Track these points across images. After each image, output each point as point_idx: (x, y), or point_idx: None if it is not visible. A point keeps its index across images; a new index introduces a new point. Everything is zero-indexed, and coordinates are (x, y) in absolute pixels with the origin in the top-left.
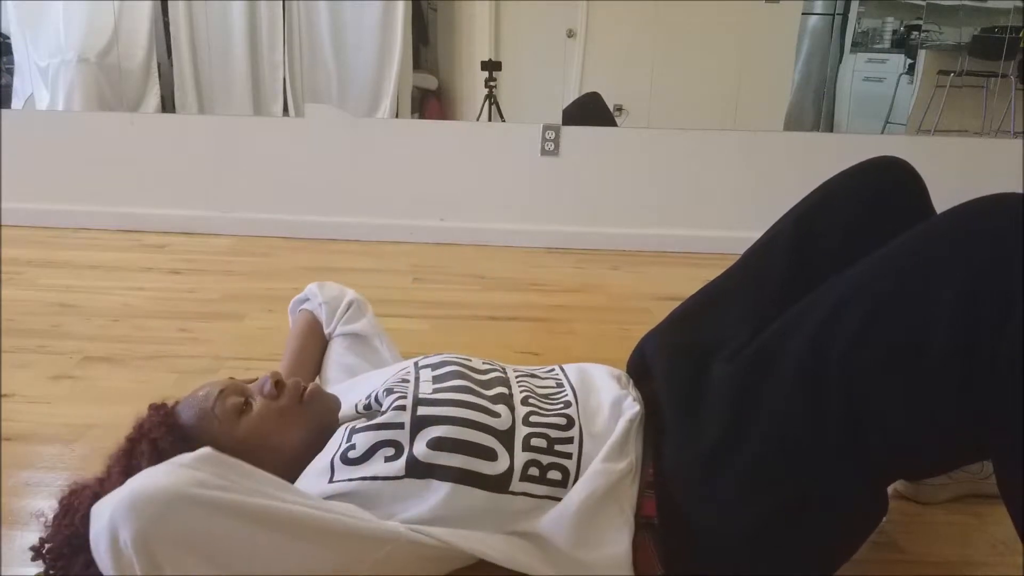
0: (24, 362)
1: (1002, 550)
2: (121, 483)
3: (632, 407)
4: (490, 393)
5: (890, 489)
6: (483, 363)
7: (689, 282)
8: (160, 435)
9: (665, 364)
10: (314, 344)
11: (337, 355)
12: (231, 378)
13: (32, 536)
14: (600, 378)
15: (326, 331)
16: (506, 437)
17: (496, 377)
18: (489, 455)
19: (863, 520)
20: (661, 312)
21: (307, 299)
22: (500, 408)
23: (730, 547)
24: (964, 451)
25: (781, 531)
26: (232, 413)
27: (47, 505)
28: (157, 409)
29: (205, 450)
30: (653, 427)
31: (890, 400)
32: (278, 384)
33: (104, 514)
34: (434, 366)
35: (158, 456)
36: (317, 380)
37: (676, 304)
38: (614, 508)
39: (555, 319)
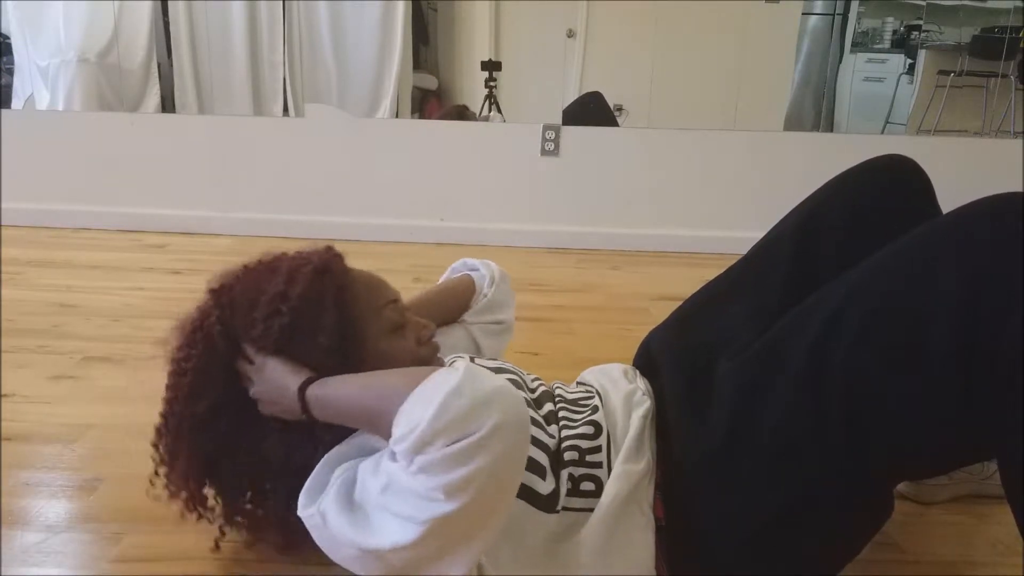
0: (24, 362)
1: (1002, 550)
2: (280, 296)
3: (643, 401)
4: (543, 411)
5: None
6: (532, 378)
7: (689, 282)
8: (344, 284)
9: (670, 362)
10: (452, 310)
11: (446, 343)
12: (399, 293)
13: (33, 536)
14: (613, 376)
15: (466, 316)
16: (555, 458)
17: (544, 392)
18: (541, 472)
19: (866, 520)
20: (661, 312)
21: (479, 270)
22: (552, 428)
23: (734, 548)
24: (966, 451)
25: (785, 532)
26: (388, 326)
27: (47, 505)
28: (340, 257)
29: (521, 397)
30: (659, 425)
31: (892, 400)
32: (431, 341)
33: (488, 383)
34: (493, 370)
35: (339, 306)
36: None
37: (676, 304)
38: (636, 509)
39: (555, 319)
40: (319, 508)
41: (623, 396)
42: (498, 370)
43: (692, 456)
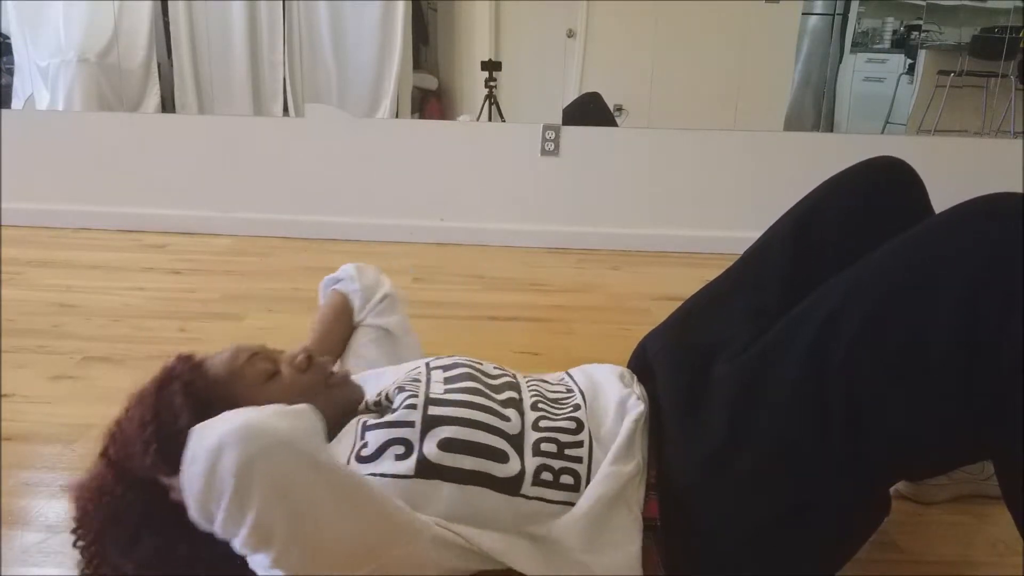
0: (24, 362)
1: (1002, 550)
2: (143, 421)
3: (636, 406)
4: (501, 397)
5: (891, 489)
6: (494, 368)
7: (689, 282)
8: (192, 379)
9: (667, 364)
10: (342, 327)
11: (361, 345)
12: (262, 345)
13: (32, 536)
14: (605, 378)
15: (356, 318)
16: (516, 441)
17: (507, 382)
18: (500, 457)
19: (864, 520)
20: (661, 312)
21: (342, 279)
22: (510, 412)
23: (732, 548)
24: (965, 451)
25: (783, 532)
26: (259, 378)
27: (47, 505)
28: (186, 359)
29: (305, 406)
30: (655, 427)
31: (891, 400)
32: (310, 359)
33: (211, 435)
34: (446, 367)
35: (192, 400)
36: (338, 364)
37: (676, 304)
38: (623, 510)
39: (555, 319)
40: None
41: (617, 399)
42: (451, 365)
43: (690, 457)
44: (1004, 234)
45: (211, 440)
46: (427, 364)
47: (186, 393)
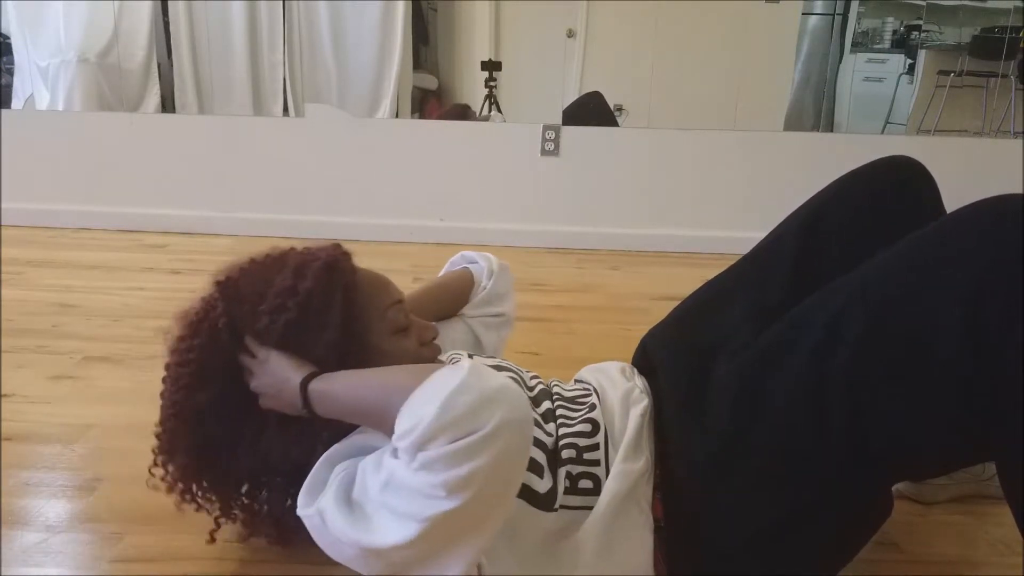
0: (24, 362)
1: (1002, 550)
2: (288, 291)
3: (640, 399)
4: (541, 410)
5: (892, 489)
6: (530, 375)
7: (689, 282)
8: (352, 283)
9: (668, 362)
10: (451, 304)
11: (449, 338)
12: (402, 294)
13: (33, 536)
14: (607, 374)
15: (466, 310)
16: (552, 456)
17: (542, 391)
18: (539, 471)
19: (866, 520)
20: (661, 312)
21: (480, 265)
22: (550, 427)
23: (733, 548)
24: (966, 452)
25: (784, 532)
26: (393, 325)
27: (47, 505)
28: (348, 256)
29: (526, 400)
30: (658, 424)
31: (894, 401)
32: (433, 343)
33: (494, 381)
34: (492, 368)
35: (347, 304)
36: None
37: (676, 304)
38: (634, 509)
39: (555, 319)
40: (318, 507)
41: (621, 394)
42: (497, 368)
43: (691, 456)
44: (1007, 237)
45: (494, 385)
46: (471, 356)
47: (347, 292)
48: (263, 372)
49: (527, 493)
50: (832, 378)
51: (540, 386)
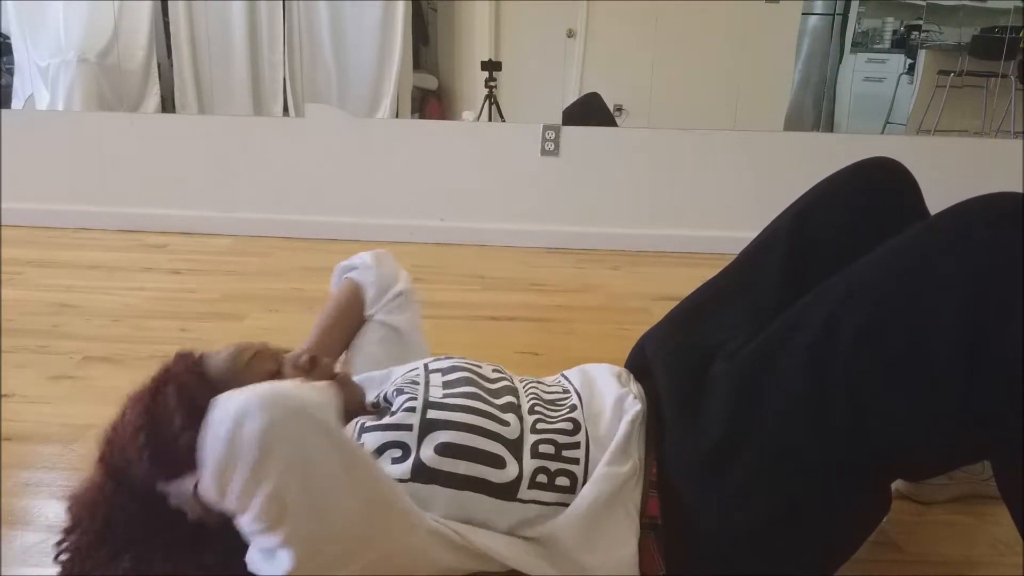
0: (24, 362)
1: (1002, 550)
2: (138, 426)
3: (634, 405)
4: (499, 402)
5: (891, 489)
6: (492, 370)
7: (689, 282)
8: (188, 380)
9: (665, 363)
10: (351, 320)
11: (368, 343)
12: (264, 343)
13: (33, 536)
14: (601, 378)
15: (367, 312)
16: (515, 445)
17: (505, 386)
18: (497, 463)
19: (864, 519)
20: (661, 312)
21: (356, 267)
22: (509, 417)
23: (731, 547)
24: (965, 451)
25: (782, 531)
26: (263, 378)
27: (47, 505)
28: (185, 356)
29: (325, 383)
30: (654, 426)
31: (892, 400)
32: (313, 360)
33: (234, 401)
34: (444, 370)
35: (188, 402)
36: (343, 358)
37: (676, 304)
38: (620, 511)
39: (555, 319)
40: (250, 562)
41: (614, 399)
42: (451, 368)
43: (690, 456)
44: (1004, 234)
45: (235, 405)
46: (425, 366)
47: (180, 396)
48: (183, 503)
49: (481, 485)
50: (830, 376)
51: (503, 381)
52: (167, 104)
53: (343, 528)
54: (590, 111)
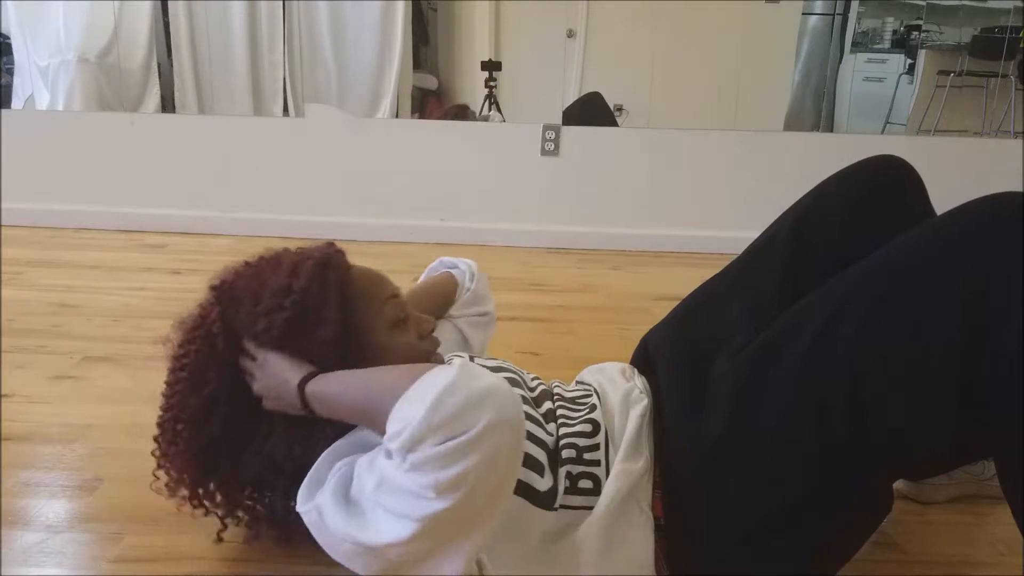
0: (24, 362)
1: (1002, 550)
2: (285, 289)
3: (640, 399)
4: (542, 410)
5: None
6: (531, 376)
7: (689, 282)
8: (347, 279)
9: (667, 360)
10: (439, 305)
11: (438, 335)
12: (399, 289)
13: (33, 536)
14: (608, 375)
15: (452, 311)
16: (552, 456)
17: (543, 391)
18: (540, 470)
19: (865, 518)
20: (661, 312)
21: (460, 269)
22: (551, 427)
23: (732, 546)
24: (965, 450)
25: (783, 530)
26: (391, 319)
27: (47, 505)
28: (342, 253)
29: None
30: (658, 423)
31: (892, 399)
32: (432, 335)
33: (484, 379)
34: (493, 369)
35: (343, 300)
36: None
37: (676, 304)
38: (635, 508)
39: (555, 319)
40: (316, 504)
41: (621, 394)
42: (497, 369)
43: (691, 455)
44: (1005, 234)
45: (483, 384)
46: (471, 359)
47: (342, 288)
48: (263, 375)
49: (527, 491)
50: (830, 377)
51: (541, 387)
52: (167, 104)
53: (459, 531)
54: (591, 111)
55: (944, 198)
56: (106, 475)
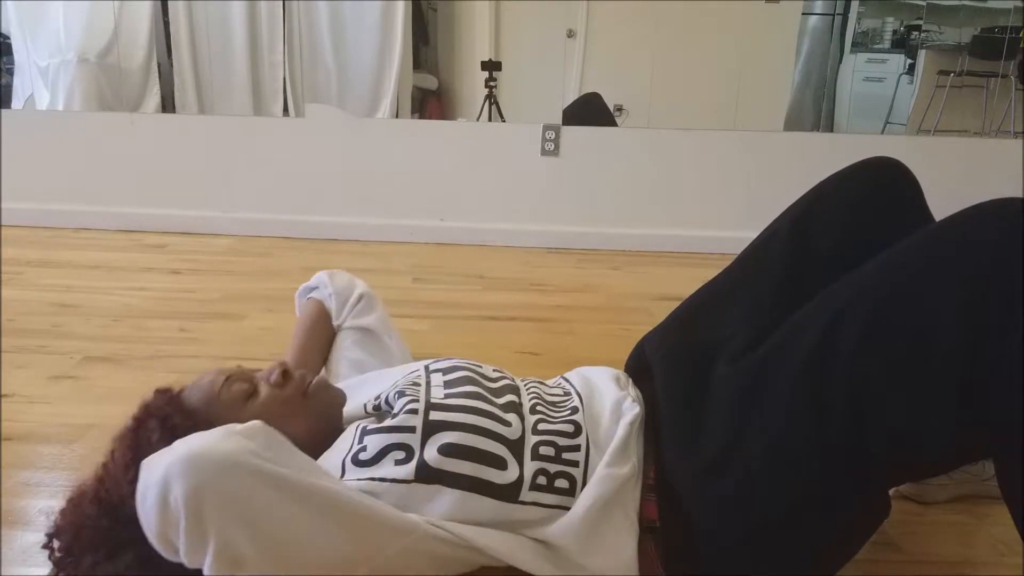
0: (24, 362)
1: (1002, 550)
2: (127, 463)
3: (632, 408)
4: (501, 401)
5: (891, 490)
6: (493, 370)
7: (689, 282)
8: (168, 412)
9: (665, 364)
10: (322, 334)
11: (345, 349)
12: (238, 366)
13: (33, 536)
14: (601, 381)
15: (335, 322)
16: (516, 446)
17: (506, 385)
18: (499, 464)
19: (864, 521)
20: (661, 312)
21: (315, 287)
22: (511, 417)
23: (731, 549)
24: (965, 452)
25: (782, 533)
26: (238, 399)
27: (48, 505)
28: (163, 392)
29: (256, 423)
30: (653, 427)
31: (892, 402)
32: (285, 374)
33: (157, 468)
34: (445, 371)
35: (169, 434)
36: (324, 372)
37: (676, 304)
38: (619, 513)
39: (555, 319)
40: None
41: (612, 402)
42: (451, 368)
43: (691, 457)
44: (1005, 240)
45: (157, 473)
46: (426, 367)
47: (163, 428)
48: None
49: (484, 486)
50: (832, 379)
51: (504, 381)
52: (167, 104)
53: (322, 556)
54: (590, 111)
55: (944, 198)
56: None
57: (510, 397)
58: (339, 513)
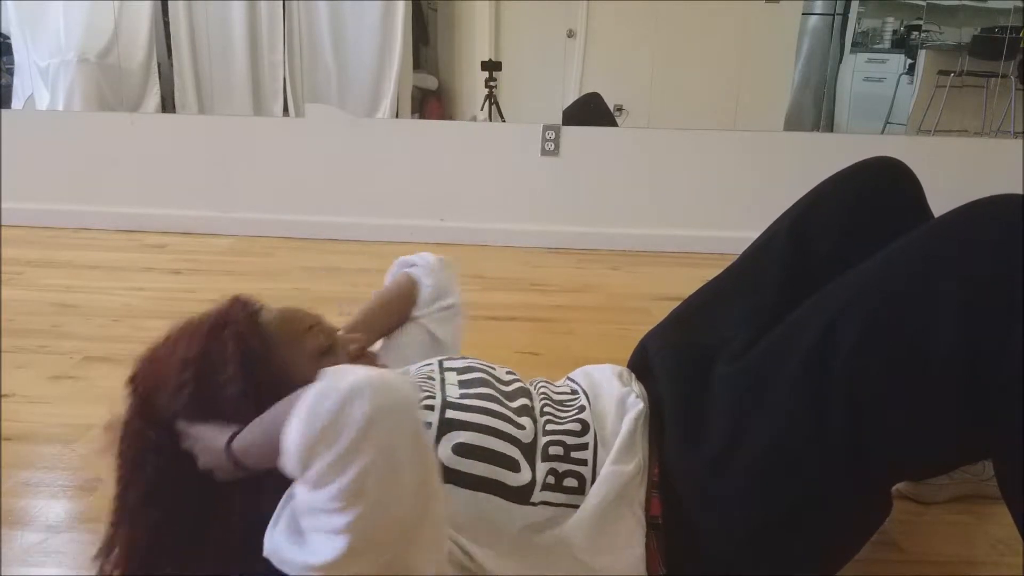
0: (24, 362)
1: (1002, 550)
2: (188, 360)
3: (636, 404)
4: (515, 404)
5: (892, 489)
6: (507, 373)
7: (689, 282)
8: (247, 331)
9: (666, 362)
10: (399, 313)
11: (405, 343)
12: (321, 316)
13: (33, 536)
14: (604, 378)
15: (415, 312)
16: (529, 450)
17: (519, 388)
18: (512, 466)
19: (865, 521)
20: (661, 312)
21: (418, 265)
22: (524, 420)
23: (732, 548)
24: (965, 452)
25: (783, 532)
26: (315, 350)
27: (47, 505)
28: (244, 305)
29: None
30: (656, 426)
31: (892, 402)
32: (362, 353)
33: (350, 376)
34: (460, 370)
35: (239, 356)
36: (379, 345)
37: (676, 304)
38: (626, 510)
39: (555, 319)
40: (271, 542)
41: (616, 398)
42: (466, 368)
43: (692, 457)
44: (1005, 237)
45: (348, 383)
46: (440, 363)
47: (238, 344)
48: (199, 450)
49: (497, 487)
50: (831, 379)
51: (517, 383)
52: (167, 104)
53: (396, 531)
54: (590, 111)
55: (944, 198)
56: (106, 475)
57: (523, 401)
58: (430, 497)
